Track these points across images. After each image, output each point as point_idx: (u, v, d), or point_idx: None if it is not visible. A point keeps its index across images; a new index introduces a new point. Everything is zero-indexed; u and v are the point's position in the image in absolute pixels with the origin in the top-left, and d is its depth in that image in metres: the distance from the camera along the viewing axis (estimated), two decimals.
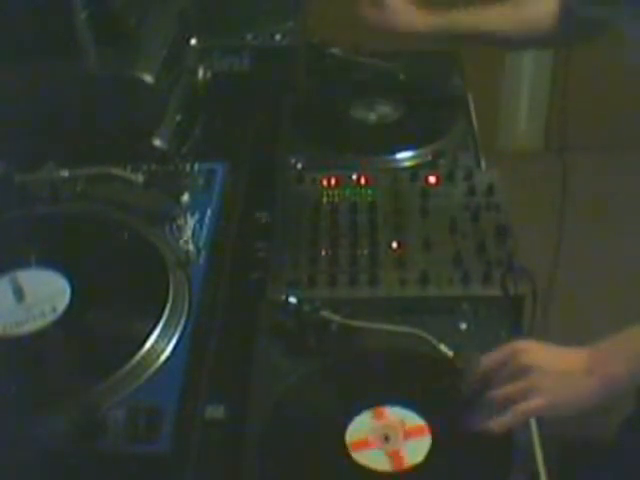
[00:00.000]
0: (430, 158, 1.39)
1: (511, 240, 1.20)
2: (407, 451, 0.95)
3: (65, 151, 1.20)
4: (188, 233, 1.12)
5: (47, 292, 1.03)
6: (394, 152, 1.41)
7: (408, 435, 0.96)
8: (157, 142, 1.23)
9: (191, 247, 1.10)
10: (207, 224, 1.14)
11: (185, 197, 1.16)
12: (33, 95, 1.19)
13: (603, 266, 2.55)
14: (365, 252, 1.20)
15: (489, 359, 0.98)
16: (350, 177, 1.33)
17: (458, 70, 1.64)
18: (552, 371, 0.95)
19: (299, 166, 1.37)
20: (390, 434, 0.96)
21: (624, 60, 1.27)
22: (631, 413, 1.74)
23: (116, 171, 1.18)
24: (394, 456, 0.95)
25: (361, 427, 0.98)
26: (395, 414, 0.99)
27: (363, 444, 0.96)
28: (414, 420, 0.98)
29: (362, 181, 1.32)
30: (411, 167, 1.38)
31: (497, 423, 0.93)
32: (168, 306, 1.01)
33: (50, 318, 1.00)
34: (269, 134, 1.46)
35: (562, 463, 1.85)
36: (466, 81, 1.60)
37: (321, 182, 1.32)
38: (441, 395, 1.01)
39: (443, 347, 1.05)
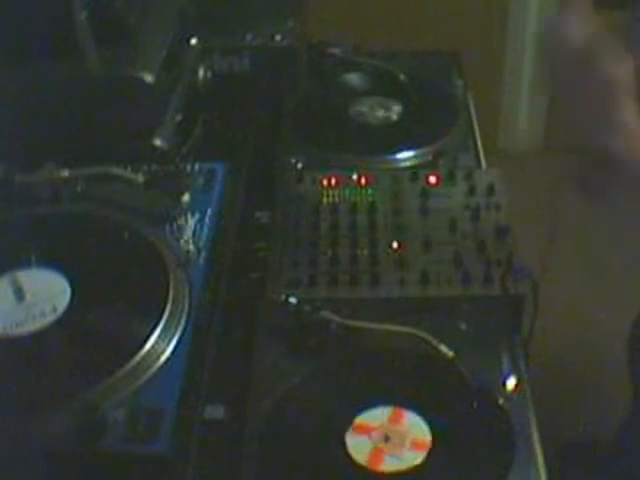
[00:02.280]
0: (430, 158, 1.39)
1: (511, 240, 1.20)
2: (391, 458, 0.94)
3: (65, 151, 1.20)
4: (188, 233, 1.12)
5: (47, 292, 1.03)
6: (394, 152, 1.41)
7: (406, 445, 0.96)
8: (157, 142, 1.23)
9: (191, 247, 1.10)
10: (207, 224, 1.14)
11: (185, 197, 1.16)
12: (33, 95, 1.19)
13: (600, 265, 2.56)
14: (365, 252, 1.20)
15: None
16: (350, 177, 1.33)
17: (458, 70, 1.64)
18: None
19: (299, 166, 1.37)
20: (392, 436, 0.97)
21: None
22: (628, 414, 1.74)
23: (116, 171, 1.18)
24: (375, 454, 0.95)
25: (374, 417, 0.98)
26: (409, 420, 0.98)
27: (364, 429, 0.96)
28: (423, 434, 0.97)
29: (362, 181, 1.32)
30: (411, 167, 1.38)
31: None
32: (168, 306, 1.01)
33: (50, 318, 1.00)
34: (269, 134, 1.46)
35: (562, 463, 1.86)
36: (466, 81, 1.60)
37: (321, 182, 1.32)
38: (441, 395, 1.01)
39: (443, 347, 1.05)
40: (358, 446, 0.96)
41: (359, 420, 0.98)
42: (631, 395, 1.74)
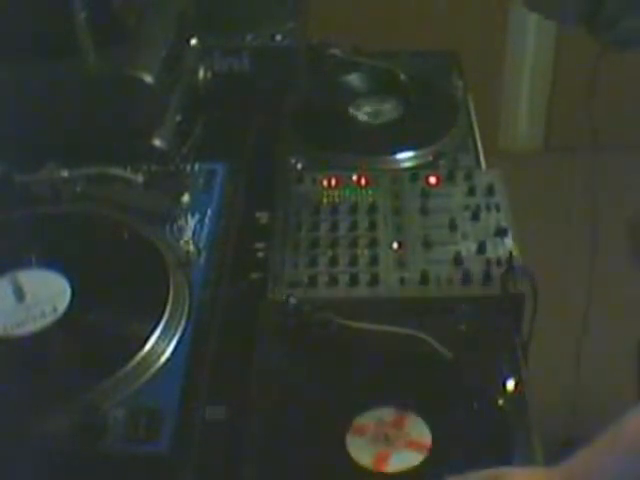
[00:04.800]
0: (430, 158, 1.39)
1: (511, 240, 1.20)
2: (391, 459, 0.94)
3: (65, 151, 1.20)
4: (188, 233, 1.12)
5: (47, 292, 1.03)
6: (394, 152, 1.41)
7: (407, 445, 0.96)
8: (157, 142, 1.23)
9: (191, 247, 1.10)
10: (207, 224, 1.14)
11: (185, 197, 1.16)
12: (33, 95, 1.19)
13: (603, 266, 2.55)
14: (365, 252, 1.20)
15: None
16: (350, 177, 1.33)
17: (458, 70, 1.64)
18: None
19: (299, 166, 1.37)
20: (391, 437, 0.96)
21: None
22: None
23: (116, 171, 1.18)
24: (375, 455, 0.95)
25: (374, 418, 0.98)
26: (409, 421, 0.98)
27: (364, 430, 0.96)
28: (422, 435, 0.97)
29: (362, 181, 1.32)
30: (411, 167, 1.38)
31: None
32: (168, 306, 1.01)
33: (50, 318, 1.00)
34: (269, 134, 1.46)
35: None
36: (466, 81, 1.60)
37: (321, 182, 1.32)
38: (441, 396, 1.01)
39: (443, 348, 1.05)
40: (358, 447, 0.96)
41: (359, 420, 0.98)
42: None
